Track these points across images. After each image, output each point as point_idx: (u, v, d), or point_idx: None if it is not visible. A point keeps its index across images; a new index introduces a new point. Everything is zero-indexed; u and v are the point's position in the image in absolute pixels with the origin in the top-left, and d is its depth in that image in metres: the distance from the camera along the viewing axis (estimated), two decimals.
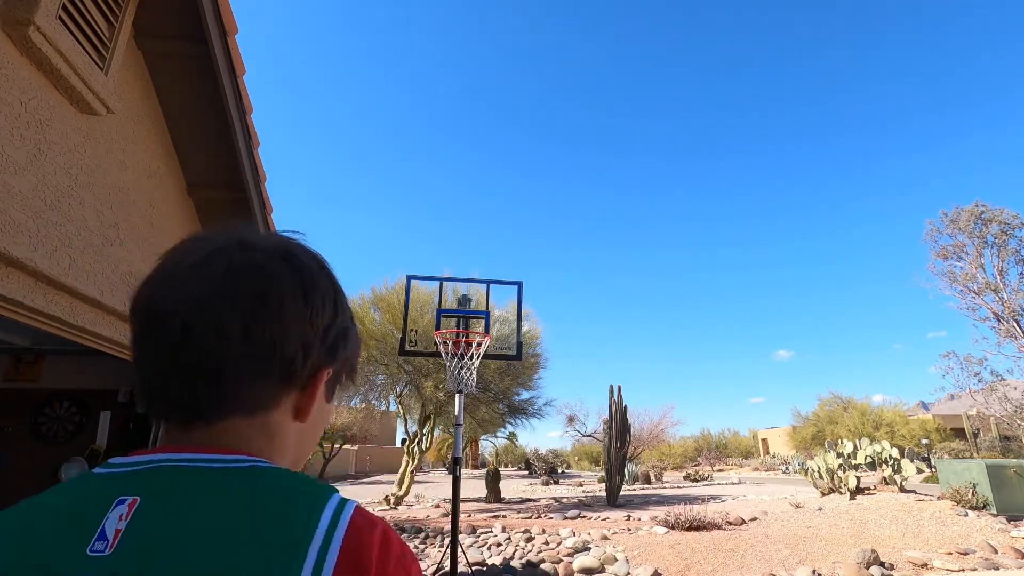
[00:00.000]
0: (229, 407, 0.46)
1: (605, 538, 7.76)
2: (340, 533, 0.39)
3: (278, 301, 0.46)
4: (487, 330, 5.66)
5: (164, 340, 0.45)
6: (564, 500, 14.91)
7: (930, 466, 22.01)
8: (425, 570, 5.74)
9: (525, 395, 14.64)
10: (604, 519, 10.47)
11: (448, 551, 4.72)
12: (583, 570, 6.00)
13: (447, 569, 4.77)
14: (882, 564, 6.02)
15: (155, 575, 0.36)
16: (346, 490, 19.45)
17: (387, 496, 13.75)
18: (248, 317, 0.45)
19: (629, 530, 8.59)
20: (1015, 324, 16.35)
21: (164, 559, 0.37)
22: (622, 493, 15.72)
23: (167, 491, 0.41)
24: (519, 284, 6.09)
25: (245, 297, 0.45)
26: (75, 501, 0.41)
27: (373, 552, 0.39)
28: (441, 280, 6.41)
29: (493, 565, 6.15)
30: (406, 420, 14.38)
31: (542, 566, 6.08)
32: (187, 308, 0.44)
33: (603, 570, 6.06)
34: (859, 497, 10.25)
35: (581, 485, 23.19)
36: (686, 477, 26.38)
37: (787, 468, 30.27)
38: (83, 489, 0.42)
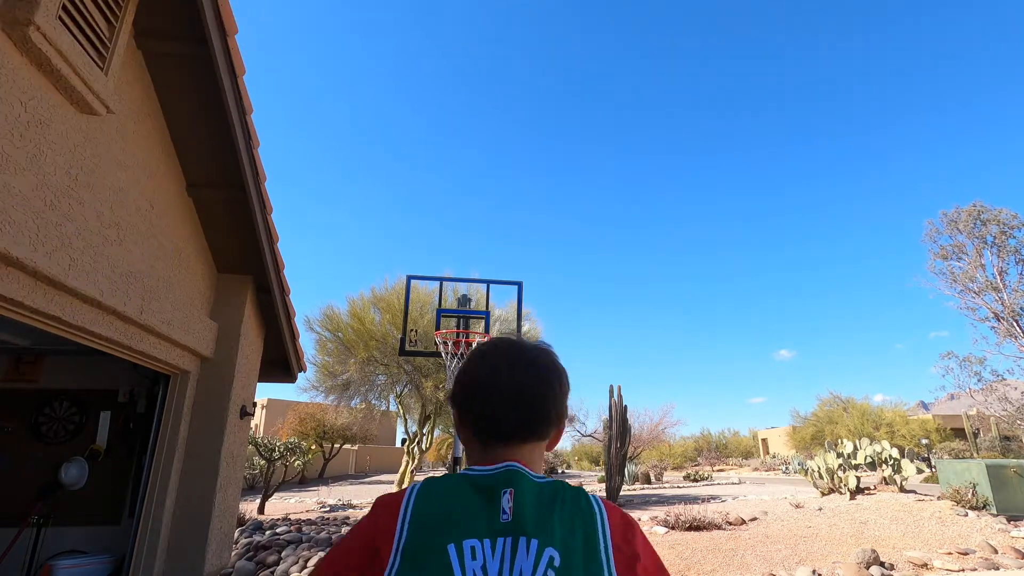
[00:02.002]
0: (538, 436, 0.85)
1: None
2: (604, 508, 0.75)
3: (559, 384, 0.88)
4: (487, 330, 5.66)
5: (515, 399, 0.84)
6: None
7: (930, 466, 22.00)
8: None
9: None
10: None
11: None
12: None
13: None
14: (882, 564, 6.02)
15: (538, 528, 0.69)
16: (346, 490, 19.45)
17: None
18: (551, 391, 0.86)
19: None
20: (1015, 324, 16.35)
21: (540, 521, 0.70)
22: (622, 493, 15.72)
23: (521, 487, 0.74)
24: (519, 284, 6.09)
25: (555, 384, 0.87)
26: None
27: (617, 517, 0.75)
28: (441, 280, 6.41)
29: None
30: (406, 420, 14.37)
31: None
32: (534, 386, 0.85)
33: None
34: (859, 497, 10.26)
35: (581, 485, 23.16)
36: (686, 477, 26.37)
37: (787, 468, 30.27)
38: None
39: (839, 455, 11.94)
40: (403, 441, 14.38)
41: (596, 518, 0.72)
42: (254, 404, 4.10)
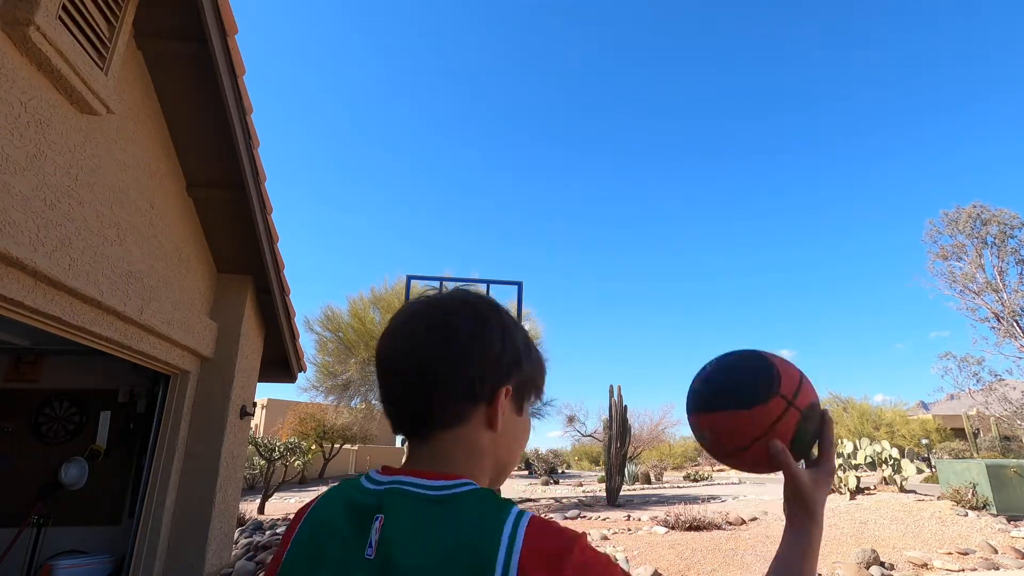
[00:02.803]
0: (441, 423, 0.61)
1: (605, 538, 7.77)
2: (519, 539, 0.50)
3: (462, 340, 0.61)
4: None
5: (393, 376, 0.63)
6: (564, 500, 14.91)
7: (930, 466, 22.00)
8: None
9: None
10: (604, 519, 10.48)
11: None
12: None
13: None
14: (882, 564, 6.02)
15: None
16: None
17: None
18: (450, 353, 0.61)
19: (629, 530, 8.59)
20: (1015, 324, 16.36)
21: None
22: (622, 493, 15.73)
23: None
24: (519, 284, 6.09)
25: (452, 337, 0.62)
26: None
27: (537, 553, 0.50)
28: (441, 280, 6.40)
29: None
30: None
31: None
32: (402, 357, 0.62)
33: None
34: (859, 497, 10.26)
35: (581, 485, 23.20)
36: (686, 477, 26.38)
37: None
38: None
39: (839, 455, 11.94)
40: (403, 441, 14.36)
41: (496, 558, 0.48)
42: (254, 404, 4.10)
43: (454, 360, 0.60)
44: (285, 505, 14.32)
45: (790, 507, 0.71)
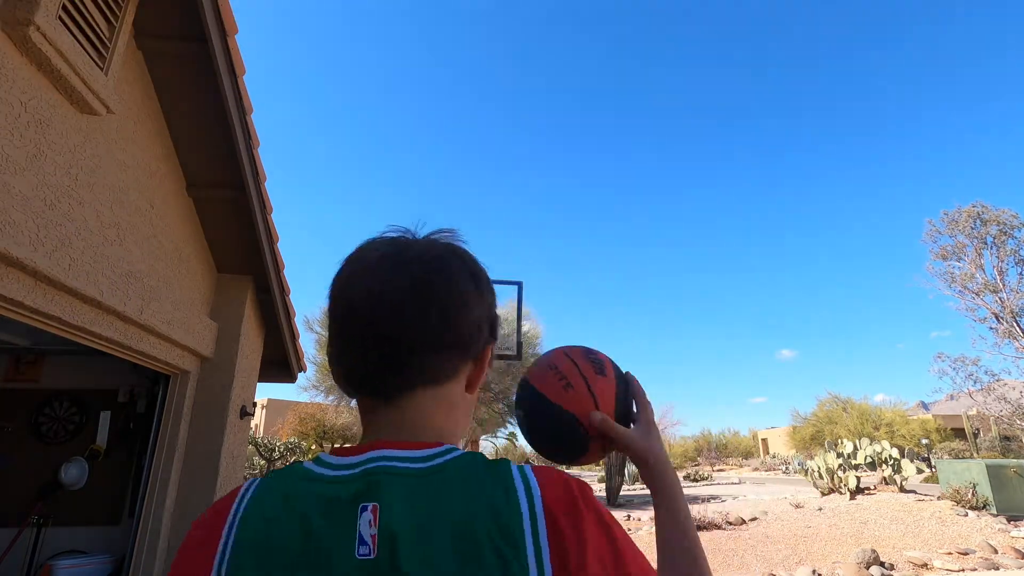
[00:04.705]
0: (427, 376, 0.55)
1: None
2: (538, 494, 0.47)
3: (457, 288, 0.56)
4: None
5: (368, 324, 0.53)
6: None
7: (930, 466, 22.00)
8: None
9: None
10: None
11: None
12: None
13: None
14: (882, 564, 6.02)
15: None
16: None
17: None
18: (436, 302, 0.54)
19: (629, 530, 8.59)
20: (1015, 324, 16.35)
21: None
22: (622, 493, 15.72)
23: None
24: (519, 284, 6.08)
25: (442, 282, 0.55)
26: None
27: (559, 502, 0.48)
28: None
29: None
30: None
31: None
32: (399, 292, 0.53)
33: None
34: (859, 497, 10.26)
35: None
36: (686, 477, 26.38)
37: (787, 468, 30.28)
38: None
39: (839, 455, 11.94)
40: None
41: (521, 523, 0.44)
42: (254, 404, 4.10)
43: (452, 311, 0.54)
44: None
45: (641, 472, 0.72)
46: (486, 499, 0.45)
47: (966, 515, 8.36)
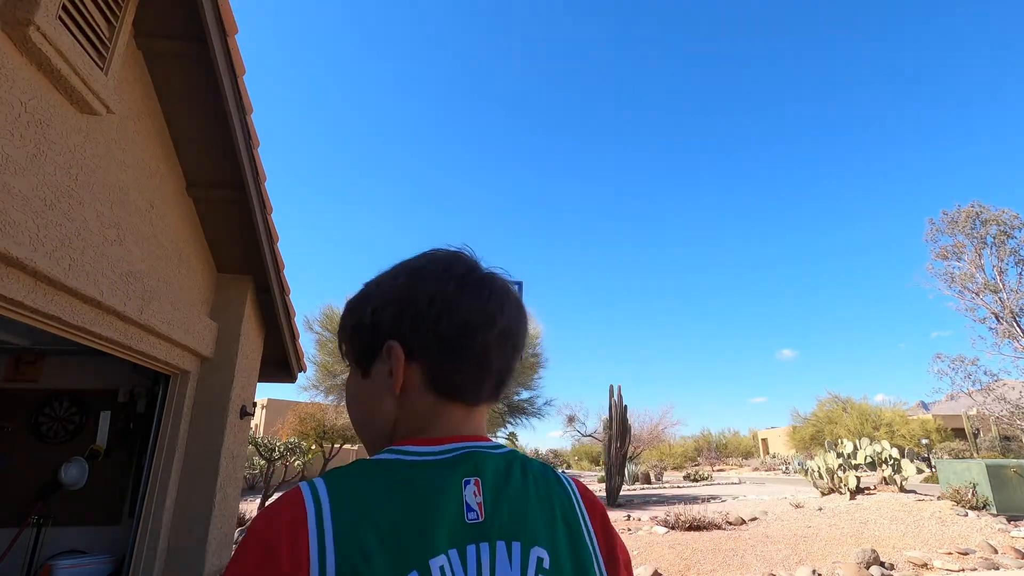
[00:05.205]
0: (500, 396, 0.68)
1: None
2: (577, 489, 0.64)
3: (526, 326, 0.69)
4: None
5: (507, 348, 0.65)
6: None
7: (930, 466, 22.01)
8: None
9: (525, 395, 14.65)
10: None
11: None
12: None
13: None
14: (882, 564, 6.02)
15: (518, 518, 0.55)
16: None
17: None
18: (523, 347, 0.69)
19: (629, 530, 8.59)
20: (1014, 324, 16.35)
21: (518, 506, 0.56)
22: (622, 493, 15.73)
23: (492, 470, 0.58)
24: (519, 284, 6.08)
25: (525, 334, 0.69)
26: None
27: (591, 501, 0.64)
28: None
29: None
30: None
31: None
32: (517, 328, 0.67)
33: None
34: (859, 497, 10.26)
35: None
36: (686, 477, 26.39)
37: (787, 468, 30.29)
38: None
39: (839, 455, 11.95)
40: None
41: (574, 503, 0.60)
42: (254, 404, 4.10)
43: (525, 340, 0.69)
44: None
45: None
46: (556, 484, 0.61)
47: (966, 515, 8.36)
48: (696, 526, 8.19)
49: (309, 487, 0.51)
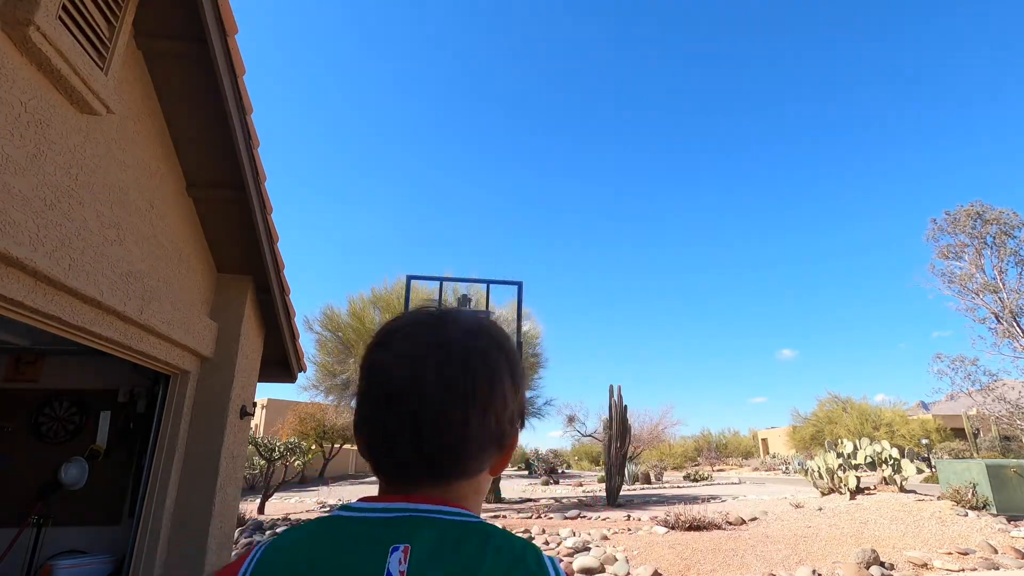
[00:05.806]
0: (463, 475, 0.55)
1: (605, 538, 7.77)
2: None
3: (500, 388, 0.55)
4: None
5: (406, 417, 0.52)
6: (564, 500, 14.91)
7: (930, 466, 22.01)
8: None
9: (525, 395, 14.64)
10: (604, 519, 10.48)
11: None
12: (583, 570, 6.00)
13: None
14: (882, 564, 6.02)
15: None
16: (346, 490, 19.45)
17: None
18: (480, 405, 0.54)
19: (629, 530, 8.60)
20: (1014, 324, 16.35)
21: None
22: (622, 493, 15.74)
23: (432, 539, 0.49)
24: (519, 284, 6.09)
25: (480, 389, 0.54)
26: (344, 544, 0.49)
27: None
28: (441, 280, 6.40)
29: None
30: None
31: None
32: (429, 394, 0.52)
33: (603, 570, 6.06)
34: (859, 497, 10.26)
35: (581, 485, 23.23)
36: (686, 477, 26.39)
37: (787, 468, 30.30)
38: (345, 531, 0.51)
39: (839, 455, 11.94)
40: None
41: None
42: (254, 404, 4.10)
43: (493, 404, 0.54)
44: (285, 505, 14.30)
45: None
46: (522, 559, 0.48)
47: (966, 515, 8.36)
48: (696, 526, 8.19)
49: (253, 551, 0.52)
